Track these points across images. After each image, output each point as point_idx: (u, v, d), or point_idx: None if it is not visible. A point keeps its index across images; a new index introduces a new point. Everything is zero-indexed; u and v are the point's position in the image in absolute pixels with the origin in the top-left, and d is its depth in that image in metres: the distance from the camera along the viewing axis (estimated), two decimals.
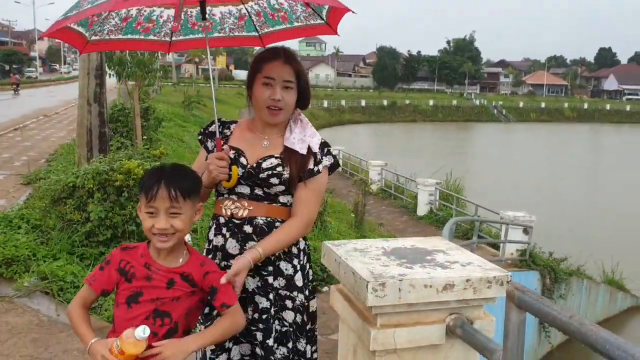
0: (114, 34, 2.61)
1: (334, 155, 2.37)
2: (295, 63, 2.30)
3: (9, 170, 10.82)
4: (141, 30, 2.63)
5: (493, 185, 27.30)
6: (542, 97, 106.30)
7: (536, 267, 11.83)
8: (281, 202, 2.28)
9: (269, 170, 2.24)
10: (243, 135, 2.37)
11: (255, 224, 2.25)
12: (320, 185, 2.32)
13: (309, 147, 2.29)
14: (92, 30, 2.54)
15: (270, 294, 2.26)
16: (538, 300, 1.56)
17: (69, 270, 4.95)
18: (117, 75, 10.75)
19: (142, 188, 1.94)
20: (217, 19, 2.69)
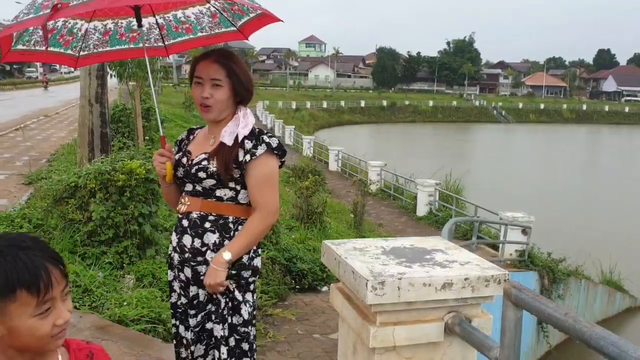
0: (101, 47, 2.77)
1: (269, 142, 2.36)
2: (226, 61, 2.35)
3: (11, 170, 10.85)
4: (128, 40, 2.78)
5: (492, 186, 27.34)
6: (541, 99, 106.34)
7: (535, 268, 11.88)
8: (217, 197, 2.36)
9: (197, 165, 2.36)
10: (198, 138, 2.52)
11: (190, 218, 2.39)
12: (263, 175, 2.35)
13: (237, 137, 2.34)
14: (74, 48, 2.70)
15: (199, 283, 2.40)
16: (534, 298, 1.61)
17: (71, 269, 4.97)
18: (119, 76, 10.81)
19: (21, 283, 1.22)
20: (193, 19, 2.82)
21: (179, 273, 2.46)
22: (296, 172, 17.78)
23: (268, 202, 2.37)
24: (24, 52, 2.60)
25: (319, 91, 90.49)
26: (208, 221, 2.37)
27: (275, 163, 2.40)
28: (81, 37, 2.70)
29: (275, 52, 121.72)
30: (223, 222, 2.37)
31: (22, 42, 2.57)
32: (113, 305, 4.57)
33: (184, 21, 2.79)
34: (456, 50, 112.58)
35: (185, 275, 2.43)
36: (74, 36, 2.68)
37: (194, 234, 2.38)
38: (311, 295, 6.76)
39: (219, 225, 2.37)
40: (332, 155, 24.60)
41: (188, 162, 2.42)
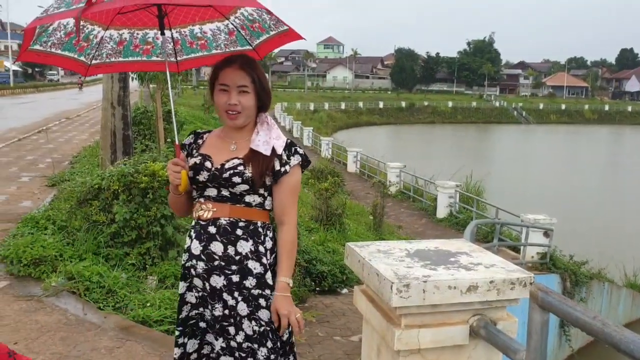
0: (114, 57, 2.74)
1: (302, 154, 2.43)
2: (250, 69, 2.37)
3: (34, 172, 11.02)
4: (142, 52, 2.74)
5: (513, 188, 27.12)
6: (562, 99, 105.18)
7: (557, 270, 11.76)
8: (246, 202, 2.36)
9: (231, 170, 2.33)
10: (213, 142, 2.48)
11: (219, 224, 2.35)
12: (292, 185, 2.40)
13: (273, 148, 2.36)
14: (87, 55, 2.67)
15: (236, 292, 2.34)
16: (561, 301, 1.60)
17: (94, 270, 5.05)
18: (140, 79, 10.92)
19: None
20: (209, 36, 2.77)
21: (204, 282, 2.38)
22: (315, 173, 17.80)
23: (294, 215, 2.42)
24: (40, 52, 2.57)
25: (337, 92, 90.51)
26: (239, 228, 2.35)
27: (300, 174, 2.46)
28: (96, 44, 2.66)
29: (294, 53, 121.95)
30: (253, 227, 2.37)
31: (40, 42, 2.55)
32: (136, 306, 4.63)
33: (200, 37, 2.76)
34: (476, 50, 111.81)
35: (212, 284, 2.36)
36: (89, 43, 2.65)
37: (225, 241, 2.34)
38: (331, 298, 6.77)
39: (250, 231, 2.36)
40: (350, 157, 24.58)
41: (214, 166, 2.37)
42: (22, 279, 5.18)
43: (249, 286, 2.33)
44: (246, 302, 2.33)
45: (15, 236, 6.10)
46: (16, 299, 4.77)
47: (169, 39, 2.77)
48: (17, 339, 4.06)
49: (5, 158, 12.77)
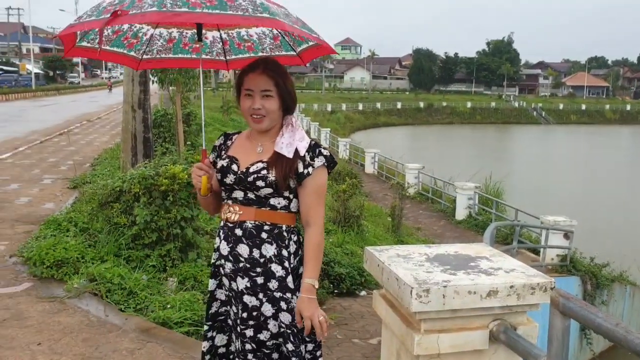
0: (164, 53, 2.90)
1: (326, 155, 2.42)
2: (274, 73, 2.40)
3: (56, 174, 11.17)
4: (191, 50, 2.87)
5: (533, 189, 26.87)
6: (583, 99, 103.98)
7: (577, 273, 11.63)
8: (271, 205, 2.39)
9: (255, 174, 2.36)
10: (241, 144, 2.53)
11: (245, 227, 2.40)
12: (318, 187, 2.40)
13: (296, 150, 2.38)
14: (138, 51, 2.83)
15: (260, 294, 2.38)
16: (583, 307, 1.59)
17: (116, 272, 5.11)
18: (160, 82, 11.03)
19: None
20: (255, 39, 2.87)
21: (230, 282, 2.45)
22: (333, 175, 17.81)
23: (320, 217, 2.42)
24: (88, 48, 2.73)
25: (354, 93, 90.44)
26: (264, 231, 2.39)
27: (326, 175, 2.45)
28: (146, 41, 2.81)
29: None
30: (278, 231, 2.40)
31: (87, 39, 2.69)
32: (157, 308, 4.67)
33: (247, 39, 2.85)
34: (494, 50, 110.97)
35: (238, 285, 2.42)
36: (139, 40, 2.80)
37: (251, 244, 2.39)
38: (349, 300, 6.77)
39: (274, 235, 2.40)
40: (368, 158, 24.54)
41: (240, 169, 2.41)
42: (45, 280, 5.26)
43: (272, 288, 2.38)
44: (271, 302, 2.38)
45: (38, 238, 6.20)
46: (39, 300, 4.84)
47: (218, 39, 2.89)
48: (40, 340, 4.12)
49: (27, 160, 12.96)
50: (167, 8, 2.04)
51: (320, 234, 2.41)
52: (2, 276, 5.39)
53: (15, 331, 4.25)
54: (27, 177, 10.83)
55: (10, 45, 77.15)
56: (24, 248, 5.99)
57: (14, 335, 4.17)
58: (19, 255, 5.87)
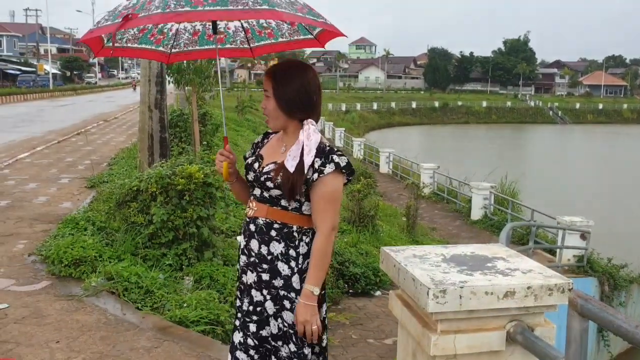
0: (191, 46, 3.02)
1: (337, 162, 2.37)
2: (273, 74, 2.45)
3: (73, 174, 11.29)
4: (215, 41, 2.92)
5: (549, 189, 26.66)
6: (600, 98, 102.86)
7: (594, 274, 11.53)
8: (282, 206, 2.42)
9: (266, 175, 2.42)
10: (272, 144, 2.58)
11: (257, 223, 2.46)
12: (327, 193, 2.36)
13: (301, 163, 2.34)
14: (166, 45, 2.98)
15: (265, 290, 2.44)
16: (602, 309, 1.58)
17: (133, 271, 5.15)
18: (176, 82, 11.10)
19: None
20: (273, 25, 2.95)
21: (242, 275, 2.54)
22: None
23: (328, 223, 2.37)
24: (116, 48, 2.83)
25: (369, 93, 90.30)
26: (274, 229, 2.43)
27: (340, 182, 2.41)
28: (172, 36, 2.94)
29: (326, 54, 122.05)
30: (287, 230, 2.42)
31: (115, 40, 2.77)
32: (173, 307, 4.71)
33: (266, 26, 2.95)
34: (510, 50, 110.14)
35: (248, 279, 2.50)
36: (165, 35, 2.92)
37: (260, 240, 2.45)
38: (364, 300, 6.77)
39: (283, 234, 2.42)
40: (383, 158, 24.50)
41: (260, 168, 2.48)
42: (63, 279, 5.32)
43: (277, 286, 2.42)
44: (274, 300, 2.42)
45: (56, 237, 6.27)
46: (57, 299, 4.90)
47: (240, 28, 2.98)
48: (58, 338, 4.17)
49: (45, 160, 13.11)
50: (170, 9, 2.12)
51: (326, 241, 2.37)
52: (21, 274, 5.46)
53: (34, 329, 4.30)
54: (45, 176, 10.95)
55: (29, 46, 78.07)
56: (43, 247, 6.06)
57: (33, 333, 4.23)
58: (38, 253, 5.95)
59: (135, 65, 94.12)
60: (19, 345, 4.04)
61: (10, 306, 4.71)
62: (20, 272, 5.53)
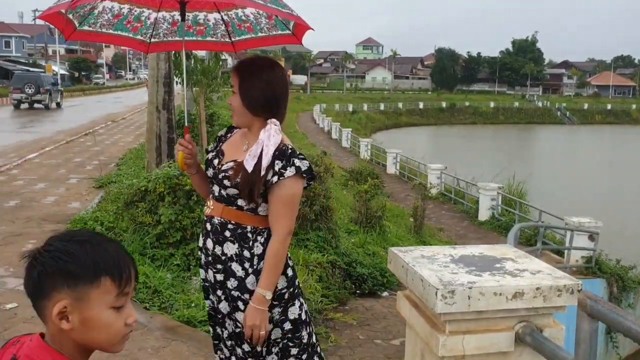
0: (170, 36, 2.96)
1: (298, 166, 2.33)
2: (240, 70, 2.41)
3: (82, 174, 11.34)
4: (195, 32, 2.92)
5: (557, 190, 26.55)
6: (608, 99, 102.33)
7: (602, 275, 11.47)
8: (238, 205, 2.36)
9: (224, 172, 2.38)
10: (234, 140, 2.53)
11: (213, 222, 2.42)
12: (285, 196, 2.32)
13: (259, 163, 2.30)
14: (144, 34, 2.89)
15: (219, 290, 2.43)
16: (611, 310, 1.58)
17: (141, 271, 5.17)
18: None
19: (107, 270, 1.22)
20: (252, 19, 2.92)
21: (205, 274, 2.51)
22: (354, 175, 17.79)
23: (284, 227, 2.34)
24: (90, 32, 2.80)
25: (376, 93, 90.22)
26: (228, 229, 2.38)
27: (300, 186, 2.37)
28: (151, 25, 2.88)
29: (333, 55, 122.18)
30: (241, 231, 2.37)
31: (88, 24, 2.76)
32: (181, 307, 4.73)
33: (245, 20, 2.91)
34: (518, 50, 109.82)
35: (209, 277, 2.48)
36: (142, 23, 2.86)
37: (214, 240, 2.41)
38: (371, 300, 6.76)
39: (237, 234, 2.37)
40: (390, 158, 24.47)
41: (219, 165, 2.43)
42: None
43: (230, 287, 2.39)
44: (227, 301, 2.41)
45: None
46: None
47: (220, 20, 2.93)
48: None
49: (54, 160, 13.18)
50: None
51: (281, 245, 2.32)
52: None
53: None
54: (53, 176, 11.01)
55: (37, 47, 78.50)
56: None
57: None
58: None
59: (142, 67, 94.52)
60: None
61: (19, 305, 4.74)
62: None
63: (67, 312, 1.19)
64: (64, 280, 1.19)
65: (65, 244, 1.23)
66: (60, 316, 1.19)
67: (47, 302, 1.21)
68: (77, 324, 1.20)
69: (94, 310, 1.21)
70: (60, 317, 1.19)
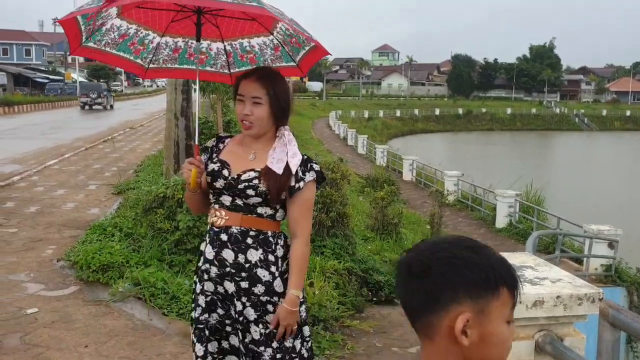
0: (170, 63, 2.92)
1: (317, 170, 2.46)
2: (267, 81, 2.41)
3: (101, 181, 11.46)
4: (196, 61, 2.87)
5: (575, 197, 26.28)
6: (627, 105, 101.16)
7: (622, 284, 11.33)
8: (257, 213, 2.41)
9: (246, 182, 2.38)
10: (233, 149, 2.52)
11: (231, 233, 2.41)
12: (306, 200, 2.44)
13: (288, 165, 2.38)
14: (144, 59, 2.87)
15: (243, 298, 2.41)
16: (634, 319, 1.57)
17: (159, 276, 5.21)
18: (202, 90, 11.24)
19: (505, 279, 1.13)
20: (257, 50, 2.88)
21: (216, 286, 2.46)
22: (370, 182, 17.76)
23: (306, 230, 2.45)
24: (94, 50, 2.77)
25: (392, 100, 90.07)
26: (250, 237, 2.41)
27: (315, 189, 2.49)
28: (152, 49, 2.83)
29: (348, 61, 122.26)
30: (263, 237, 2.42)
31: (94, 40, 2.73)
32: None
33: (249, 50, 2.87)
34: (535, 56, 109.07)
35: (226, 289, 2.44)
36: (145, 47, 2.81)
37: (236, 249, 2.41)
38: (388, 308, 6.73)
39: (260, 240, 2.42)
40: (406, 165, 24.39)
41: (231, 175, 2.43)
42: (91, 284, 5.40)
43: (257, 293, 2.41)
44: (254, 307, 2.41)
45: (84, 242, 6.38)
46: (86, 304, 4.98)
47: (222, 51, 2.91)
48: (87, 342, 4.24)
49: (73, 167, 13.33)
50: None
51: (306, 246, 2.44)
52: (50, 279, 5.56)
53: (63, 333, 4.38)
54: (73, 183, 11.14)
55: (57, 54, 79.58)
56: (71, 252, 6.17)
57: (62, 337, 4.30)
58: (66, 259, 6.05)
59: None
60: (49, 349, 4.11)
61: (39, 311, 4.80)
62: (49, 277, 5.64)
63: (468, 327, 1.09)
64: (467, 291, 1.09)
65: (460, 251, 1.12)
66: (462, 331, 1.09)
67: (442, 315, 1.10)
68: (475, 339, 1.10)
69: (494, 324, 1.11)
70: (461, 331, 1.09)
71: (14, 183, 10.95)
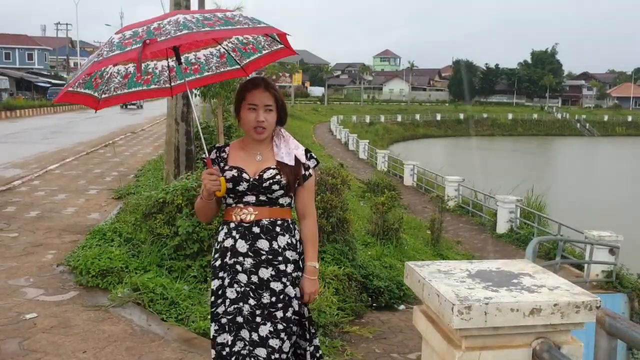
0: (120, 90, 2.96)
1: (316, 157, 2.88)
2: (273, 89, 2.74)
3: (101, 185, 11.47)
4: (142, 82, 3.00)
5: (576, 203, 26.25)
6: (629, 110, 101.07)
7: (623, 290, 11.29)
8: (280, 204, 2.75)
9: (270, 180, 2.69)
10: (238, 155, 2.78)
11: (262, 225, 2.72)
12: (313, 184, 2.87)
13: (296, 157, 2.76)
14: (99, 91, 2.90)
15: (284, 278, 2.73)
16: (630, 327, 1.56)
17: (158, 282, 5.21)
18: (203, 95, 11.24)
19: None
20: (202, 61, 3.06)
21: (250, 276, 2.69)
22: (371, 187, 17.75)
23: (314, 209, 2.89)
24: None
25: (393, 105, 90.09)
26: (278, 225, 2.75)
27: (315, 174, 2.90)
28: (106, 80, 2.88)
29: (350, 67, 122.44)
30: (287, 224, 2.78)
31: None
32: (198, 318, 4.74)
33: (194, 62, 3.05)
34: (537, 61, 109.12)
35: (263, 275, 2.70)
36: (103, 79, 2.86)
37: (270, 238, 2.72)
38: (388, 314, 6.73)
39: (285, 227, 2.77)
40: (407, 170, 24.39)
41: (252, 177, 2.69)
42: (90, 289, 5.40)
43: (289, 271, 2.74)
44: (292, 285, 2.75)
45: (84, 247, 6.38)
46: (85, 309, 4.98)
47: (166, 67, 3.05)
48: (85, 348, 4.23)
49: (74, 171, 13.35)
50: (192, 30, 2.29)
51: (316, 223, 2.89)
52: (50, 284, 5.56)
53: (62, 338, 4.37)
54: (73, 187, 11.16)
55: (59, 59, 79.79)
56: (71, 257, 6.17)
57: (61, 343, 4.30)
58: (66, 264, 6.06)
59: None
60: (47, 354, 4.10)
61: (38, 316, 4.80)
62: (49, 282, 5.63)
63: None
64: None
65: None
66: None
67: None
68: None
69: None
70: None
71: (15, 187, 10.96)
